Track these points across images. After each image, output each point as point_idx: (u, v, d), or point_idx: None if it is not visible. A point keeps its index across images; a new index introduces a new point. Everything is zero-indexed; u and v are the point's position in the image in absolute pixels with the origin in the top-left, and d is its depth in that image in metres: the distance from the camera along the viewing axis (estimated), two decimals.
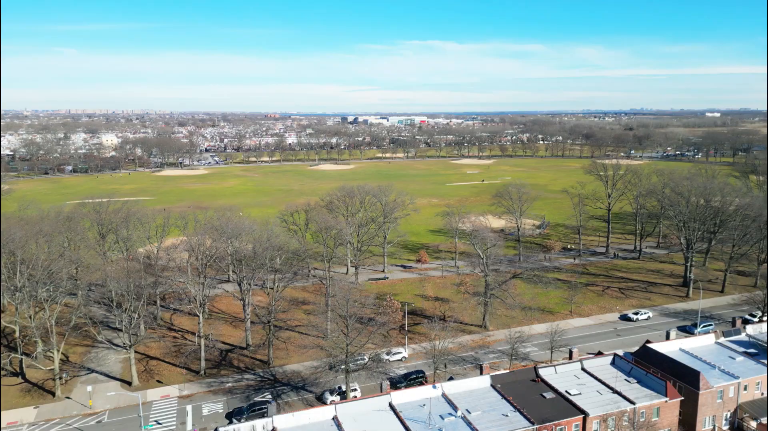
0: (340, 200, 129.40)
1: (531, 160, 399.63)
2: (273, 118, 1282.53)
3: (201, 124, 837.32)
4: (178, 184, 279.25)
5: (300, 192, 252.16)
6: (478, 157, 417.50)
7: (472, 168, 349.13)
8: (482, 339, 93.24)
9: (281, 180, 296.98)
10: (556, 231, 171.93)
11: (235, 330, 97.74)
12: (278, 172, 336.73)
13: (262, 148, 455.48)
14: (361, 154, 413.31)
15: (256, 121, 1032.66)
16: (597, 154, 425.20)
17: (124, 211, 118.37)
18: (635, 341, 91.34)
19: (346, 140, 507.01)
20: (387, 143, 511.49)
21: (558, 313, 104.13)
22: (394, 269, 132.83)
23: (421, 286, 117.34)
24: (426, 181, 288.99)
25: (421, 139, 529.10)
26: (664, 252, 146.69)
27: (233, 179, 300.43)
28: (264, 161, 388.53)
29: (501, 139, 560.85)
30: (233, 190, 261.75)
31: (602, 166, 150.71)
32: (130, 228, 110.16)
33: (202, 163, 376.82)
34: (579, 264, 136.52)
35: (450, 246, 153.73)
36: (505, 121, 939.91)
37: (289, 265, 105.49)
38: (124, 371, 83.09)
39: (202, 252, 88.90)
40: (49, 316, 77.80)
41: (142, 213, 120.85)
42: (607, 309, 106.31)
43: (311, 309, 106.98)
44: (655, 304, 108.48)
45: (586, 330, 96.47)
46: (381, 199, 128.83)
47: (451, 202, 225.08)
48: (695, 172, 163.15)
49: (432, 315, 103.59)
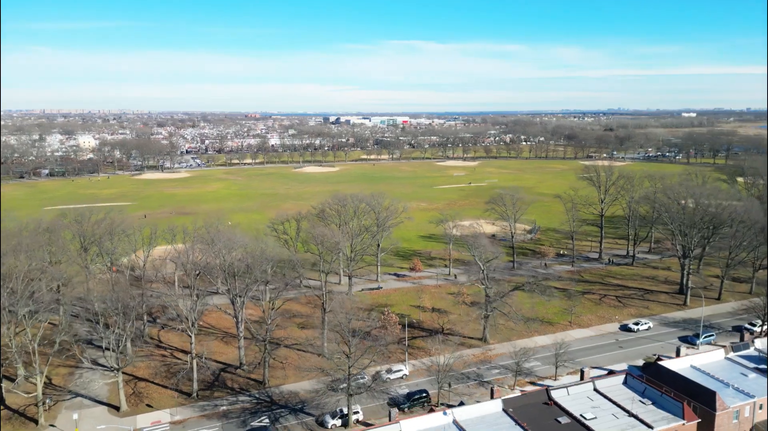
0: (332, 209, 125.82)
1: (515, 162, 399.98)
2: (254, 118, 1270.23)
3: (181, 125, 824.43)
4: (160, 188, 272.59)
5: (285, 196, 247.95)
6: (462, 159, 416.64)
7: (458, 170, 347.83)
8: (483, 353, 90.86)
9: (265, 183, 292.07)
10: (547, 236, 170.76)
11: (227, 347, 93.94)
12: (262, 174, 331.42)
13: (245, 150, 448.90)
14: (345, 155, 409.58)
15: (236, 121, 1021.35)
16: (580, 155, 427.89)
17: (108, 222, 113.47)
18: (638, 353, 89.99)
19: (330, 141, 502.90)
20: (371, 144, 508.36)
21: (557, 324, 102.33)
22: (388, 278, 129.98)
23: (417, 297, 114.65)
24: (413, 183, 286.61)
25: (404, 140, 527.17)
26: (657, 257, 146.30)
27: (216, 182, 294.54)
28: (247, 163, 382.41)
29: (484, 140, 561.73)
30: (216, 194, 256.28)
31: (595, 171, 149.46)
32: (115, 241, 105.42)
33: (184, 166, 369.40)
34: (574, 271, 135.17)
35: (442, 253, 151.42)
36: (487, 122, 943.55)
37: (280, 276, 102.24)
38: (112, 394, 78.84)
39: (192, 269, 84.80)
40: (31, 339, 73.24)
41: (127, 224, 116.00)
42: (607, 319, 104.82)
43: (305, 323, 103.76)
44: (654, 313, 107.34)
45: (587, 342, 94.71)
46: (374, 207, 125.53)
47: (440, 205, 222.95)
48: (686, 177, 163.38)
49: (430, 328, 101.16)
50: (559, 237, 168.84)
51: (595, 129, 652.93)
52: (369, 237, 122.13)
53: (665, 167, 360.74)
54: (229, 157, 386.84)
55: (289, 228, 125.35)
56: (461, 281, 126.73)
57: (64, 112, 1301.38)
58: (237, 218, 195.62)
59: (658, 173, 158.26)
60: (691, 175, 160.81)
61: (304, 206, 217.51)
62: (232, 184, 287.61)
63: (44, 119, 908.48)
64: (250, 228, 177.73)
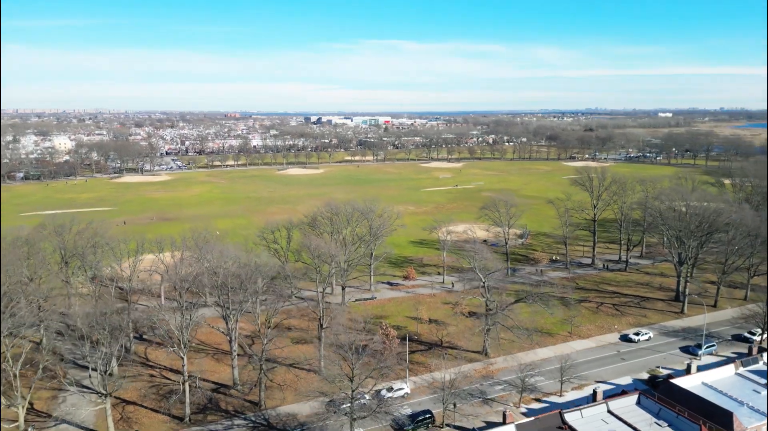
0: (325, 217, 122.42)
1: (499, 163, 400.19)
2: (234, 117, 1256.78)
3: (159, 125, 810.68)
4: (140, 192, 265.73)
5: (270, 199, 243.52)
6: (447, 160, 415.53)
7: (443, 171, 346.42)
8: (485, 368, 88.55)
9: (249, 186, 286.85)
10: (538, 241, 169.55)
11: (218, 365, 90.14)
12: (245, 177, 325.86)
13: (226, 151, 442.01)
14: (329, 157, 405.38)
15: (216, 121, 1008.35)
16: (563, 156, 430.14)
17: (90, 232, 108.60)
18: (641, 365, 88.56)
19: (312, 142, 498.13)
20: (354, 145, 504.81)
21: (557, 335, 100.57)
22: (381, 287, 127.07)
23: (413, 307, 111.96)
24: (399, 186, 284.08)
25: (388, 141, 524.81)
26: (649, 262, 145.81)
27: (198, 186, 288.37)
28: (229, 165, 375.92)
29: (467, 140, 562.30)
30: (199, 197, 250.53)
31: (587, 176, 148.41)
32: (98, 254, 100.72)
33: (164, 168, 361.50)
34: (569, 277, 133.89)
35: (434, 259, 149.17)
36: (468, 122, 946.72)
37: (272, 288, 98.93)
38: (99, 420, 74.58)
39: (182, 286, 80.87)
40: (12, 366, 68.79)
41: (110, 235, 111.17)
42: (606, 328, 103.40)
43: (300, 338, 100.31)
44: (652, 322, 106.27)
45: (589, 354, 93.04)
46: (368, 214, 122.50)
47: (428, 209, 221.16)
48: (676, 181, 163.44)
49: (429, 341, 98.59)
50: (549, 241, 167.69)
51: (576, 129, 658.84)
52: (363, 247, 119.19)
53: (648, 168, 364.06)
54: (211, 159, 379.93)
55: (279, 237, 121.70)
56: (457, 290, 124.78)
57: (38, 112, 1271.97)
58: (222, 224, 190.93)
59: (648, 177, 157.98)
60: (681, 179, 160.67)
61: (291, 210, 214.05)
62: (214, 187, 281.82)
63: (18, 119, 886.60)
64: (236, 234, 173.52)
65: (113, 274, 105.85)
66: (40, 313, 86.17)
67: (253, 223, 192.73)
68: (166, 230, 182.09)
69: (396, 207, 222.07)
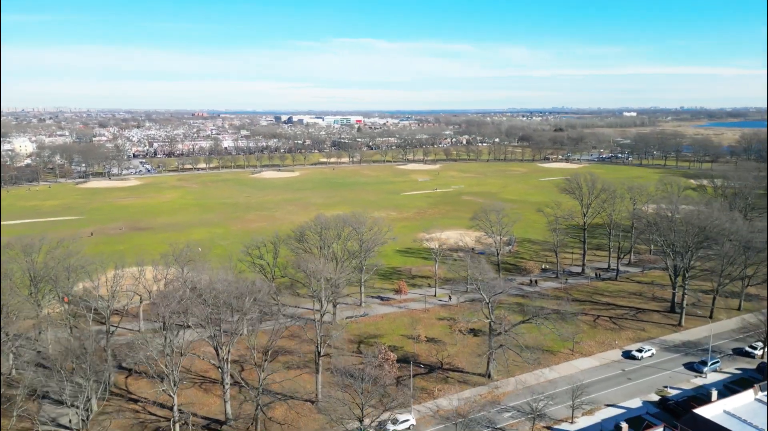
0: (314, 231, 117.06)
1: (475, 164, 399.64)
2: (201, 117, 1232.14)
3: (124, 125, 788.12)
4: (108, 199, 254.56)
5: (247, 206, 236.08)
6: (423, 162, 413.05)
7: (421, 174, 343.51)
8: (489, 392, 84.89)
9: (223, 191, 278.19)
10: (524, 248, 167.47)
11: (207, 396, 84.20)
12: (218, 181, 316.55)
13: (197, 153, 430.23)
14: (304, 159, 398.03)
15: (183, 121, 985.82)
16: (537, 157, 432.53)
17: (62, 251, 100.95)
18: (649, 385, 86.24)
19: (285, 143, 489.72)
20: (328, 146, 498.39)
21: (559, 353, 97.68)
22: (371, 302, 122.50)
23: (409, 325, 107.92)
24: (378, 190, 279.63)
25: (362, 142, 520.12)
26: (638, 270, 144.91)
27: (170, 191, 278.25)
28: (201, 168, 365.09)
29: (441, 141, 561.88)
30: (172, 204, 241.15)
31: (577, 184, 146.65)
32: (72, 278, 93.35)
33: (132, 172, 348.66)
34: (561, 288, 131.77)
35: (423, 269, 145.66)
36: (440, 121, 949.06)
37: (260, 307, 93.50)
38: None
39: (170, 318, 74.77)
40: None
41: (85, 256, 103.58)
42: (607, 344, 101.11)
43: (292, 362, 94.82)
44: (652, 336, 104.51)
45: (594, 374, 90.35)
46: (359, 228, 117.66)
47: (410, 214, 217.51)
48: (662, 187, 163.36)
49: (428, 362, 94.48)
50: (537, 248, 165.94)
51: (546, 130, 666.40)
52: (356, 263, 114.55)
53: (622, 169, 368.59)
54: (181, 162, 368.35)
55: (265, 252, 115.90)
56: (452, 303, 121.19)
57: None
58: (198, 233, 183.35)
59: (636, 185, 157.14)
60: (667, 185, 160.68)
61: (269, 217, 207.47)
62: (187, 193, 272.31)
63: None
64: (214, 245, 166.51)
65: (88, 297, 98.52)
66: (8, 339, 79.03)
67: (231, 232, 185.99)
68: (138, 241, 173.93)
69: (377, 212, 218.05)
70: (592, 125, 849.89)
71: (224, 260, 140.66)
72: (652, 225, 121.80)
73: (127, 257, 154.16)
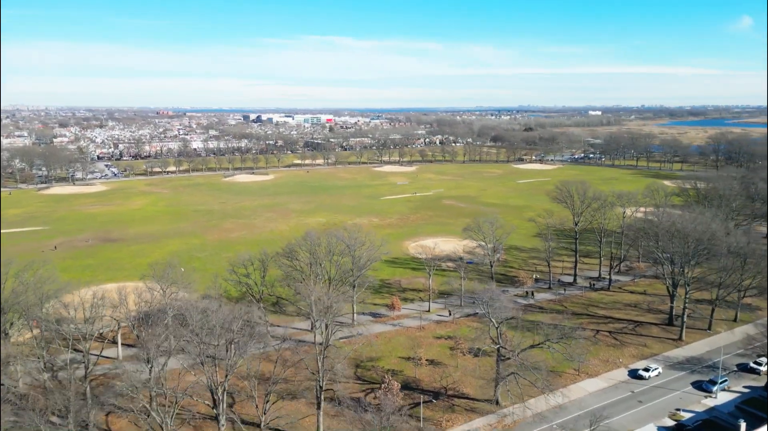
0: (305, 249, 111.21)
1: (451, 166, 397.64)
2: (167, 115, 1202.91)
3: (86, 124, 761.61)
4: (74, 207, 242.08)
5: (223, 213, 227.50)
6: (399, 163, 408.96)
7: (398, 176, 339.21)
8: (499, 421, 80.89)
9: (196, 197, 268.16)
10: (512, 256, 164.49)
11: None
12: (190, 185, 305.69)
13: (165, 155, 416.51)
14: (278, 161, 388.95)
15: (148, 120, 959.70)
16: (512, 158, 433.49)
17: (31, 279, 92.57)
18: (661, 408, 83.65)
19: (256, 144, 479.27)
20: (301, 147, 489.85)
21: (564, 373, 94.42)
22: (364, 319, 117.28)
23: (407, 345, 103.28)
24: (356, 194, 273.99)
25: (336, 143, 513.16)
26: (629, 278, 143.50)
27: (139, 197, 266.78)
28: (170, 172, 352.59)
29: (415, 141, 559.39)
30: (143, 212, 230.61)
31: (569, 194, 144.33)
32: (46, 308, 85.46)
33: (98, 176, 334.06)
34: (556, 299, 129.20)
35: (412, 281, 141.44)
36: (411, 120, 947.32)
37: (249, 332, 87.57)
38: None
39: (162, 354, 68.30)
40: None
41: (60, 286, 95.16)
42: (612, 363, 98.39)
43: (285, 390, 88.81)
44: (655, 352, 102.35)
45: (603, 397, 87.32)
46: (352, 246, 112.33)
47: (392, 221, 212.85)
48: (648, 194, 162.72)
49: (430, 388, 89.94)
50: (524, 256, 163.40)
51: (516, 129, 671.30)
52: (350, 280, 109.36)
53: (595, 170, 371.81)
54: (150, 165, 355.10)
55: (252, 270, 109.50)
56: (448, 319, 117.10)
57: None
58: (174, 244, 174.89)
59: (625, 192, 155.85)
60: (654, 192, 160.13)
61: (248, 226, 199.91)
62: (158, 199, 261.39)
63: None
64: (191, 258, 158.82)
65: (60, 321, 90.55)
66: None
67: (208, 243, 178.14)
68: (110, 254, 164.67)
69: (359, 219, 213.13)
70: (561, 124, 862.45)
71: (206, 276, 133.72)
72: (650, 235, 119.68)
73: (99, 273, 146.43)
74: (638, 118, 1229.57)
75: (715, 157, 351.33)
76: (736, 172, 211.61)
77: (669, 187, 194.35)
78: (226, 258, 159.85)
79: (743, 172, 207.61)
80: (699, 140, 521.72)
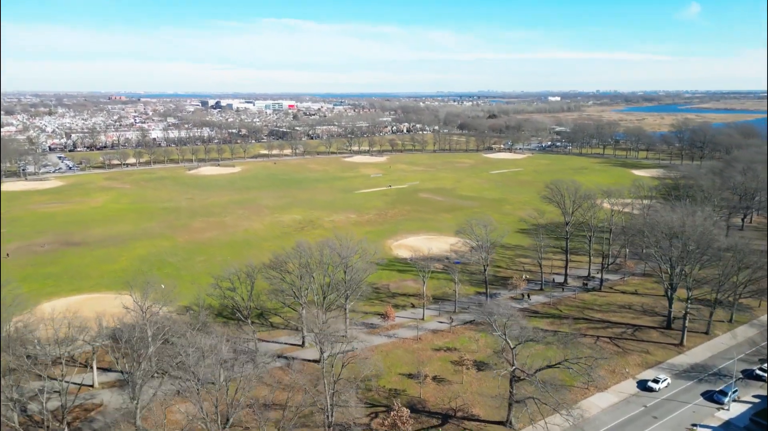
0: (295, 262, 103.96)
1: (422, 156, 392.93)
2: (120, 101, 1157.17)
3: (34, 111, 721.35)
4: (28, 205, 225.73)
5: (191, 210, 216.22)
6: (369, 153, 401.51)
7: (370, 168, 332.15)
8: None
9: (161, 192, 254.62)
10: (498, 254, 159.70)
11: None
12: (153, 179, 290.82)
13: (123, 145, 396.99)
14: (244, 151, 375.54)
15: (100, 106, 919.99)
16: (481, 147, 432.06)
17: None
18: (677, 424, 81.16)
19: (219, 132, 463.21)
20: (266, 135, 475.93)
21: (573, 387, 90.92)
22: (357, 330, 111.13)
23: (406, 360, 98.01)
24: (330, 187, 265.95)
25: (302, 131, 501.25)
26: (618, 277, 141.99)
27: (100, 193, 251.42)
28: (130, 164, 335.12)
29: (382, 129, 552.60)
30: (105, 210, 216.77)
31: (559, 193, 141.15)
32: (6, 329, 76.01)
33: (51, 170, 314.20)
34: (549, 302, 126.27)
35: (400, 284, 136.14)
36: (374, 106, 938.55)
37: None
38: None
39: None
40: None
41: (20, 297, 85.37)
42: (619, 373, 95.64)
43: (282, 419, 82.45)
44: (659, 360, 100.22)
45: (616, 413, 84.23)
46: (345, 259, 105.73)
47: (370, 217, 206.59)
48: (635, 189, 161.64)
49: (437, 409, 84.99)
50: (510, 254, 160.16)
51: (480, 116, 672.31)
52: (342, 291, 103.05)
53: (564, 159, 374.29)
54: (108, 157, 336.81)
55: (238, 284, 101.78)
56: (445, 328, 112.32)
57: None
58: (142, 247, 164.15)
59: (613, 188, 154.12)
60: (640, 188, 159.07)
61: (219, 225, 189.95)
62: (120, 195, 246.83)
63: None
64: (164, 263, 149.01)
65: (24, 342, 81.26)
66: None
67: (179, 245, 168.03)
68: (73, 260, 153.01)
69: (335, 216, 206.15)
70: (523, 110, 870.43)
71: (182, 284, 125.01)
72: (647, 236, 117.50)
73: (63, 283, 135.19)
74: (596, 104, 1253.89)
75: (680, 146, 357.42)
76: (714, 166, 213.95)
77: (652, 182, 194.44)
78: (201, 262, 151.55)
79: (721, 165, 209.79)
80: (660, 127, 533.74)
